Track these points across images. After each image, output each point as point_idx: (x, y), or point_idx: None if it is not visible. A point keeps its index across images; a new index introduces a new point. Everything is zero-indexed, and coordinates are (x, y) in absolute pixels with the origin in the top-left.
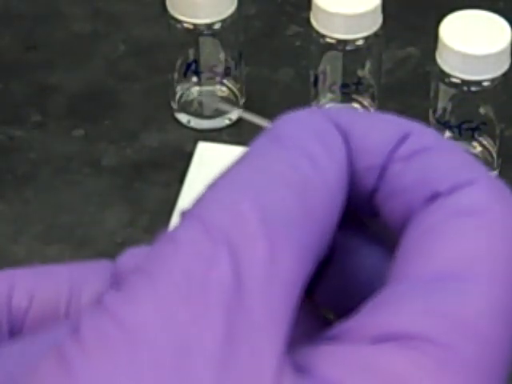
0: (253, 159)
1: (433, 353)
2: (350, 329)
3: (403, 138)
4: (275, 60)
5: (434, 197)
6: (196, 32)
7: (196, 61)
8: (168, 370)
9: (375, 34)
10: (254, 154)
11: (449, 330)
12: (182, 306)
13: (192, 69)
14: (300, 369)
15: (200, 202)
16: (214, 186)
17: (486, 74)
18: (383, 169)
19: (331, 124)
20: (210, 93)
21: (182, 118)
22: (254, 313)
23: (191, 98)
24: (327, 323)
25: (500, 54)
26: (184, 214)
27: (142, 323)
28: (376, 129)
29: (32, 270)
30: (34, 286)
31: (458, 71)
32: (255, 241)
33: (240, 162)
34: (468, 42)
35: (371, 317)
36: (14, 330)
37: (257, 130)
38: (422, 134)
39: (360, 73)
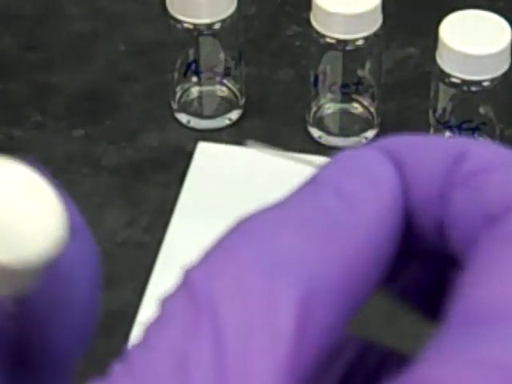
0: (274, 205)
1: None
2: None
3: (459, 159)
4: (275, 60)
5: (490, 221)
6: (196, 32)
7: (196, 61)
8: None
9: (375, 34)
10: (282, 199)
11: (488, 380)
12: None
13: (192, 69)
14: None
15: (202, 257)
16: (223, 237)
17: (486, 74)
18: (441, 197)
19: (381, 154)
20: (210, 92)
21: (182, 117)
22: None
23: (191, 97)
24: None
25: (500, 53)
26: (183, 275)
27: None
28: (429, 152)
29: None
30: None
31: (458, 71)
32: (245, 304)
33: (265, 207)
34: (468, 42)
35: (412, 372)
36: None
37: (257, 130)
38: (479, 152)
39: (360, 73)
